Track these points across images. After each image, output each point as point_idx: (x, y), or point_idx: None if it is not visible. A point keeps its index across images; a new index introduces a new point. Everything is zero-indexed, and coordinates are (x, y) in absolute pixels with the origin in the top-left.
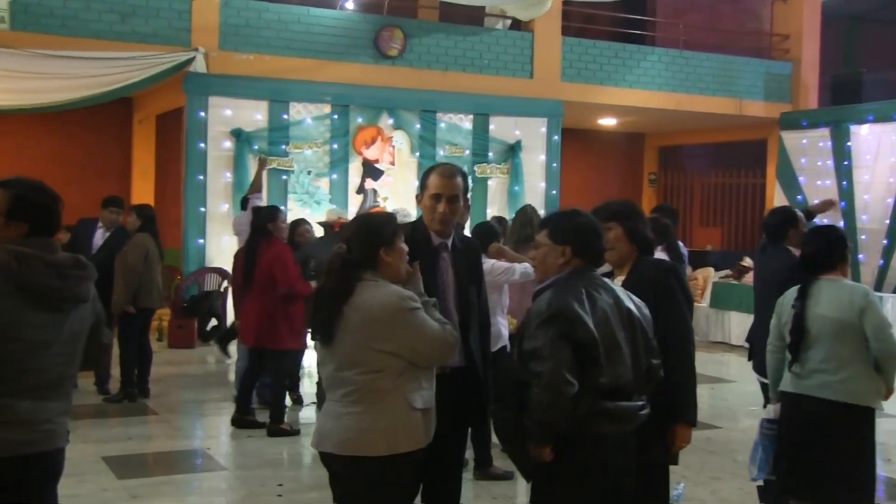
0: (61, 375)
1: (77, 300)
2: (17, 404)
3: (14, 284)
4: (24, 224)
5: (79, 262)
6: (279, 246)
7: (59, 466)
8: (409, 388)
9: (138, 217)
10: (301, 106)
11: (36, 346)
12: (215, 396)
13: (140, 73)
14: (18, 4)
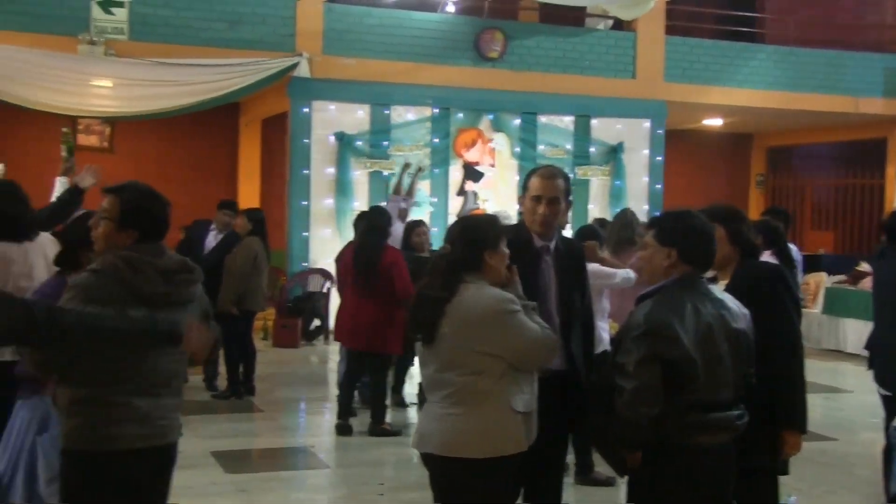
0: (172, 373)
1: (184, 303)
2: (134, 401)
3: (126, 290)
4: (136, 231)
5: (186, 265)
6: (394, 250)
7: (173, 459)
8: (510, 391)
9: (249, 221)
10: (402, 109)
11: (147, 347)
12: (318, 395)
13: (247, 79)
14: (136, 16)
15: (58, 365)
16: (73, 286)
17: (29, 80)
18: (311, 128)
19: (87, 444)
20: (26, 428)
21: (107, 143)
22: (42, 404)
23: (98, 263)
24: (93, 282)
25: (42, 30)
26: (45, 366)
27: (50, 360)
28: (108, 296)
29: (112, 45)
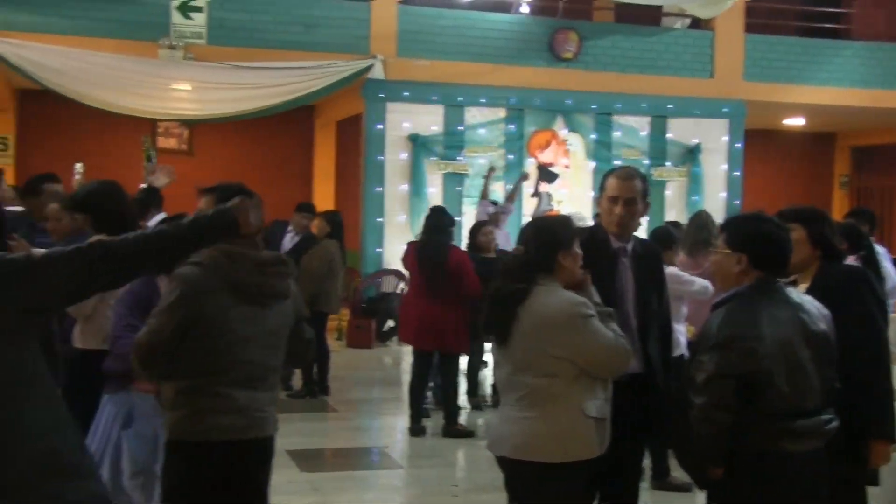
0: (268, 367)
1: (278, 296)
2: (233, 393)
3: (225, 281)
4: None
5: (280, 259)
6: (460, 251)
7: (270, 452)
8: (583, 396)
9: (327, 223)
10: (476, 110)
11: (245, 339)
12: (391, 396)
13: (322, 81)
14: (214, 21)
15: (163, 359)
16: (175, 277)
17: (111, 84)
18: (385, 129)
19: (190, 434)
20: (112, 422)
21: (185, 145)
22: (128, 399)
23: (199, 256)
24: (195, 273)
25: (124, 36)
26: (150, 361)
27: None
28: (209, 286)
29: (191, 50)
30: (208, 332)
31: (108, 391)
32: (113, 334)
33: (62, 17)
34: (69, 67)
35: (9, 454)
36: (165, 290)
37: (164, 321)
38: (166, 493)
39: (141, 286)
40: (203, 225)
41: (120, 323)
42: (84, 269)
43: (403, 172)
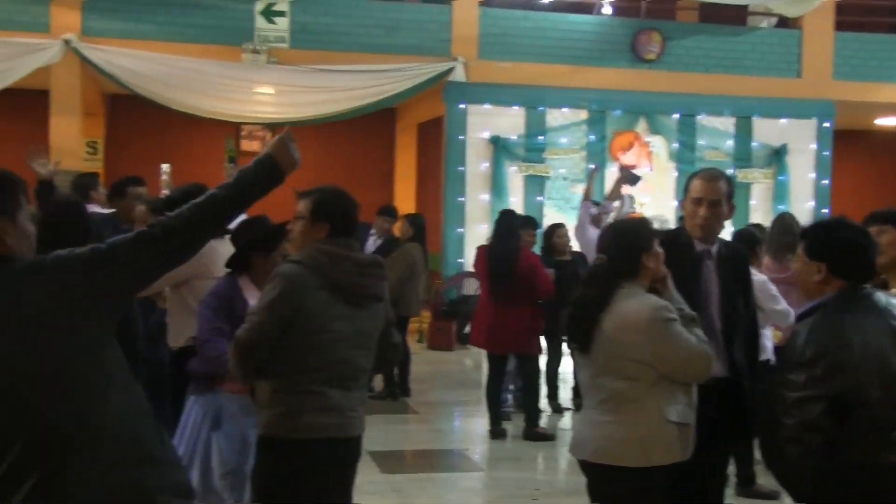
0: (361, 368)
1: (374, 297)
2: (327, 392)
3: (325, 279)
4: (327, 224)
5: (377, 261)
6: (530, 253)
7: (358, 452)
8: (665, 400)
9: (410, 226)
10: (558, 112)
11: (342, 338)
12: (472, 398)
13: (403, 84)
14: (297, 25)
15: (263, 356)
16: (277, 274)
17: (197, 88)
18: (467, 131)
19: (286, 432)
20: (201, 423)
21: None
22: (216, 400)
23: (300, 255)
24: (296, 270)
25: (208, 40)
26: (250, 357)
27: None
28: (310, 284)
29: (274, 53)
30: (307, 329)
31: (195, 392)
32: (200, 338)
33: (150, 23)
34: (156, 72)
35: (94, 440)
36: (266, 287)
37: (265, 317)
38: (258, 491)
39: (224, 289)
40: (248, 179)
41: (206, 326)
42: (150, 249)
43: (484, 175)
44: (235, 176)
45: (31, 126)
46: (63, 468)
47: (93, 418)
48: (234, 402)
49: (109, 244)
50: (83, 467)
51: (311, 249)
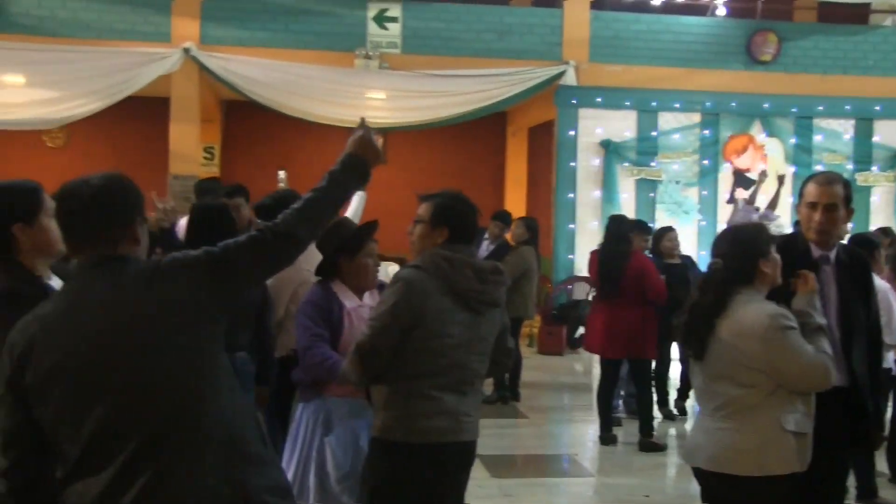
0: (476, 373)
1: (493, 304)
2: (444, 397)
3: (445, 285)
4: (446, 229)
5: (497, 268)
6: (642, 256)
7: (472, 456)
8: (782, 409)
9: (526, 229)
10: (670, 115)
11: (459, 344)
12: (582, 403)
13: (514, 88)
14: (409, 30)
15: (385, 360)
16: (398, 279)
17: (310, 94)
18: (578, 135)
19: (401, 434)
20: (312, 430)
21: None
22: (324, 405)
23: (420, 260)
24: (417, 275)
25: (322, 47)
26: (372, 362)
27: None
28: (431, 289)
29: (386, 59)
30: (427, 334)
31: (303, 399)
32: (301, 346)
33: (265, 31)
34: (271, 79)
35: (205, 439)
36: (386, 292)
37: (387, 322)
38: (371, 493)
39: (318, 296)
40: (337, 178)
41: (306, 334)
42: (261, 252)
43: (595, 178)
44: (325, 177)
45: (152, 132)
46: (174, 466)
47: (205, 418)
48: (343, 406)
49: (223, 247)
50: (192, 466)
51: (431, 254)
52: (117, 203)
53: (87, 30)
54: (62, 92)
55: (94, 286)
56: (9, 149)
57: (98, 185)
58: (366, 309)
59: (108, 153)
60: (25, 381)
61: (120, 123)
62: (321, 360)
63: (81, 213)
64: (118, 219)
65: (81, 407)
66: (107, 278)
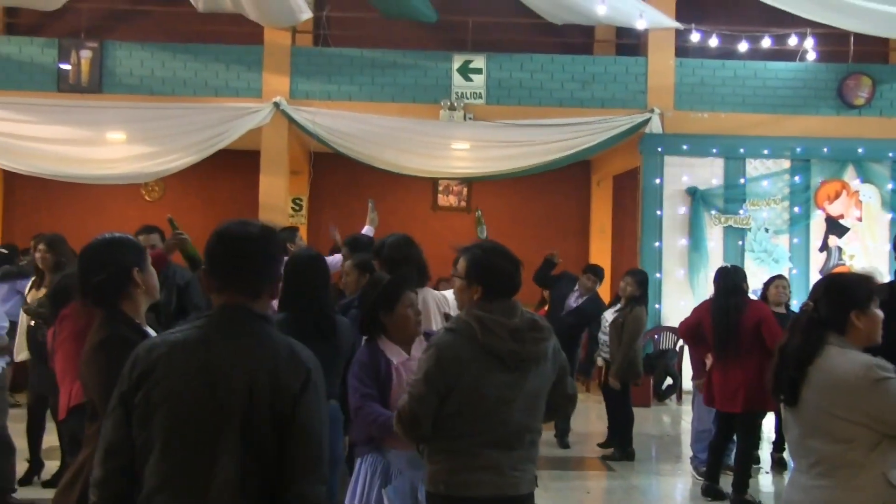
0: (526, 427)
1: (536, 360)
2: (486, 452)
3: (479, 348)
4: (479, 286)
5: (536, 324)
6: (760, 305)
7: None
8: (889, 463)
9: (638, 286)
10: (758, 162)
11: (501, 403)
12: (670, 456)
13: (598, 137)
14: (493, 80)
15: (426, 424)
16: (432, 345)
17: (396, 145)
18: (663, 183)
19: (444, 488)
20: (370, 481)
21: (464, 202)
22: (382, 458)
23: (454, 322)
24: (450, 340)
25: (407, 99)
26: (414, 428)
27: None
28: (465, 353)
29: (470, 109)
30: (466, 398)
31: (360, 454)
32: (353, 406)
33: (352, 84)
34: (357, 131)
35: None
36: (421, 358)
37: (423, 389)
38: None
39: (366, 356)
40: None
41: (356, 394)
42: None
43: (682, 226)
44: None
45: (243, 184)
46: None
47: None
48: (400, 457)
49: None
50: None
51: (464, 315)
52: (275, 254)
53: (184, 87)
54: (160, 147)
55: (228, 333)
56: (110, 201)
57: (260, 234)
58: (413, 362)
59: (201, 205)
60: (138, 397)
61: (213, 176)
62: (373, 419)
63: (242, 257)
64: (268, 270)
65: (171, 438)
66: (245, 332)
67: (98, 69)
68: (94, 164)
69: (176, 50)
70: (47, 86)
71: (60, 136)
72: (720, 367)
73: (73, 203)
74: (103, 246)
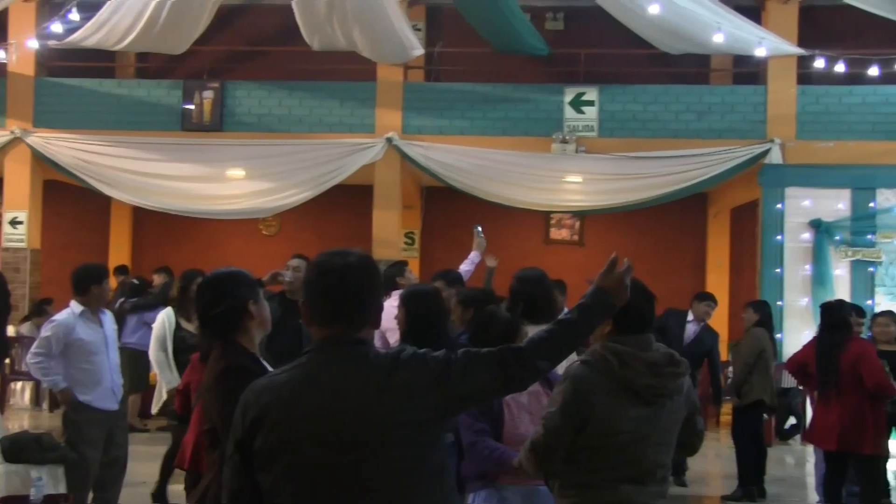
0: (657, 463)
1: (672, 395)
2: (622, 487)
3: (615, 381)
4: (610, 321)
5: (673, 359)
6: (862, 342)
7: None
8: None
9: (755, 312)
10: (890, 192)
11: (635, 439)
12: (794, 499)
13: (715, 169)
14: (605, 113)
15: (560, 457)
16: (567, 377)
17: (508, 179)
18: (784, 216)
19: None
20: None
21: (577, 236)
22: (497, 494)
23: (588, 354)
24: (585, 372)
25: (519, 133)
26: (548, 461)
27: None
28: (600, 386)
29: (582, 142)
30: (598, 432)
31: (473, 490)
32: (466, 441)
33: (463, 119)
34: (469, 165)
35: None
36: (556, 389)
37: (557, 422)
38: None
39: None
40: (588, 312)
41: (469, 431)
42: (498, 372)
43: (804, 255)
44: (575, 310)
45: (356, 219)
46: None
47: None
48: (516, 493)
49: (464, 356)
50: None
51: (599, 348)
52: (375, 284)
53: (300, 124)
54: (277, 183)
55: (333, 365)
56: (230, 236)
57: (360, 264)
58: (524, 396)
59: (315, 240)
60: (255, 446)
61: (327, 211)
62: (489, 454)
63: (343, 289)
64: (371, 301)
65: (302, 479)
66: (348, 360)
67: (219, 108)
68: (215, 199)
69: (292, 88)
70: (172, 125)
71: (184, 173)
72: (822, 404)
73: (195, 237)
74: (219, 280)
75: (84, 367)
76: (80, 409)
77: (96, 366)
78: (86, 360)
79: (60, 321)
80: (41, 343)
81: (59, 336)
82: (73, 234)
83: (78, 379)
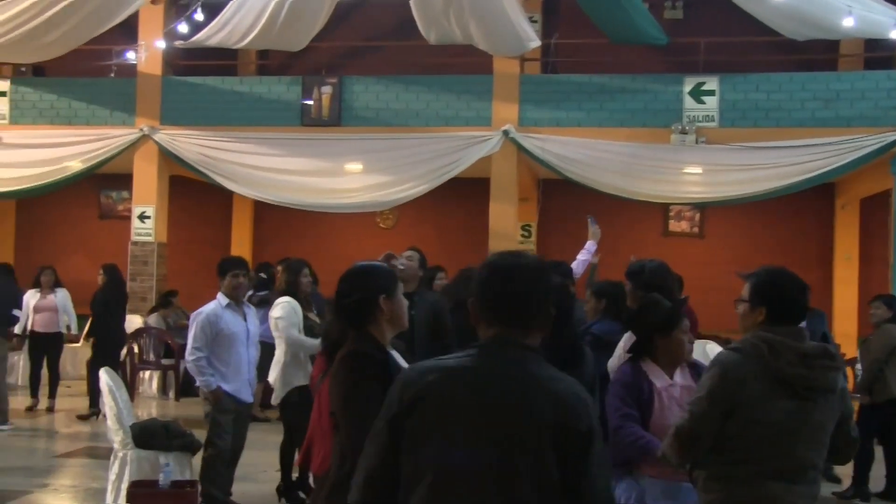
0: (808, 462)
1: (825, 390)
2: (769, 484)
3: (765, 370)
4: (764, 308)
5: (827, 352)
6: None
7: None
8: None
9: (888, 308)
10: None
11: (785, 431)
12: None
13: (843, 158)
14: (726, 103)
15: (705, 445)
16: (716, 362)
17: (625, 171)
18: None
19: None
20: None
21: (697, 228)
22: (637, 485)
23: (740, 342)
24: (735, 359)
25: (637, 124)
26: (691, 447)
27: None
28: (749, 373)
29: (702, 133)
30: (747, 420)
31: (613, 477)
32: (612, 426)
33: (580, 111)
34: (586, 157)
35: None
36: (705, 375)
37: (705, 408)
38: None
39: (629, 375)
40: None
41: (616, 414)
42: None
43: None
44: None
45: (472, 212)
46: None
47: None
48: (657, 486)
49: (604, 455)
50: None
51: (750, 336)
52: (548, 289)
53: (417, 118)
54: (394, 176)
55: (501, 362)
56: (348, 230)
57: (534, 267)
58: (676, 388)
59: (432, 233)
60: (409, 424)
61: (443, 204)
62: (634, 440)
63: (517, 289)
64: (542, 304)
65: (444, 467)
66: (514, 361)
67: (337, 103)
68: (333, 193)
69: (409, 82)
70: (292, 121)
71: (303, 167)
72: None
73: (314, 230)
74: (355, 273)
75: (226, 358)
76: (223, 404)
77: (238, 357)
78: (228, 350)
79: (207, 312)
80: (196, 338)
81: (206, 327)
82: (197, 229)
83: (220, 369)
